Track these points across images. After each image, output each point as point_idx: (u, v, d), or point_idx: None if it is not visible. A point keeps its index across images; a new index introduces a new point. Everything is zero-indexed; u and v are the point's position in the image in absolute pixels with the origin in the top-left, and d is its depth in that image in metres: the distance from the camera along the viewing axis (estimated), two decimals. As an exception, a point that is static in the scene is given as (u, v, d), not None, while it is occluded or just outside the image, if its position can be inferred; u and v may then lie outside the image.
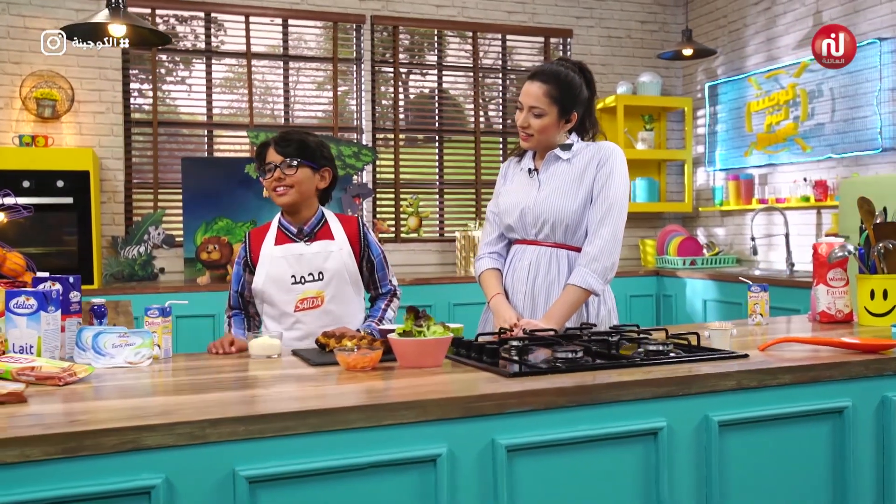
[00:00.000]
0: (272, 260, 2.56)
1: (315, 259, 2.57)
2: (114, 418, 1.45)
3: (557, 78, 2.59)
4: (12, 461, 1.34)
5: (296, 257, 2.56)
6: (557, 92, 2.57)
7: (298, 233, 2.59)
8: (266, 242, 2.59)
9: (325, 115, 5.98)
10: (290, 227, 2.61)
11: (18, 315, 2.03)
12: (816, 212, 5.47)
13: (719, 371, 1.83)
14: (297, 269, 2.56)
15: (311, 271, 2.56)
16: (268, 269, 2.55)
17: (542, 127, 2.59)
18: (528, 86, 2.59)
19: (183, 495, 1.44)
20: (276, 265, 2.55)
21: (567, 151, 2.64)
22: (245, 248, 2.63)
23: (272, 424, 1.48)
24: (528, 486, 1.67)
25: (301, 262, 2.56)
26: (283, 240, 2.59)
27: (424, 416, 1.59)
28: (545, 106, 2.57)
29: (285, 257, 2.56)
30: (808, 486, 1.93)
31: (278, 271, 2.55)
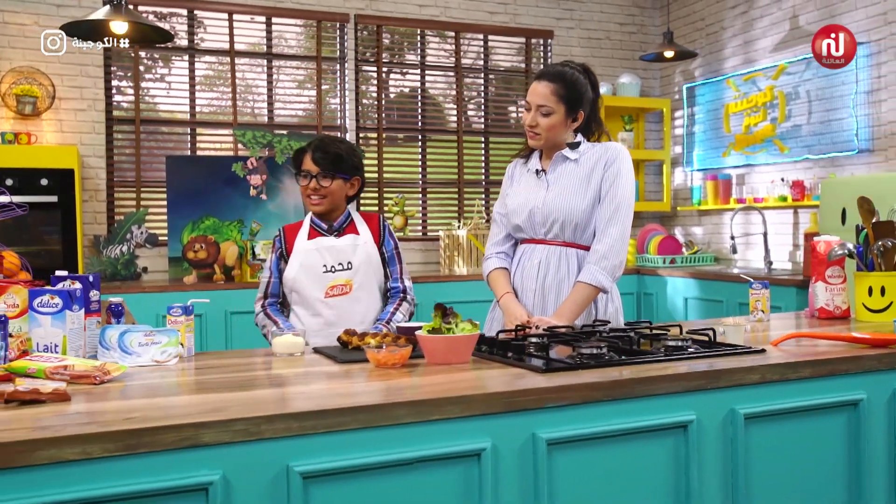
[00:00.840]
0: (305, 251, 2.75)
1: (345, 250, 2.76)
2: (169, 416, 1.46)
3: (563, 77, 2.64)
4: (74, 458, 1.34)
5: (327, 248, 2.75)
6: (564, 90, 2.62)
7: (329, 228, 2.79)
8: (300, 237, 2.78)
9: (305, 113, 5.96)
10: (321, 223, 2.81)
11: (43, 314, 2.02)
12: (793, 211, 5.60)
13: (745, 365, 1.89)
14: (328, 259, 2.75)
15: (341, 261, 2.75)
16: (301, 259, 2.74)
17: (550, 125, 2.64)
18: (536, 85, 2.64)
19: (238, 491, 1.45)
20: (309, 256, 2.75)
21: (574, 152, 2.68)
22: (281, 241, 2.81)
23: (324, 420, 1.50)
24: (567, 479, 1.70)
25: (332, 253, 2.75)
26: (314, 234, 2.80)
27: (469, 412, 1.62)
28: (553, 104, 2.61)
29: (318, 249, 2.75)
30: (825, 476, 2.00)
31: (311, 261, 2.74)
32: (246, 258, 5.06)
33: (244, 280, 5.06)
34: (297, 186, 5.22)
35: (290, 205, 5.35)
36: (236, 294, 4.88)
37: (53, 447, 1.32)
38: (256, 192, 5.17)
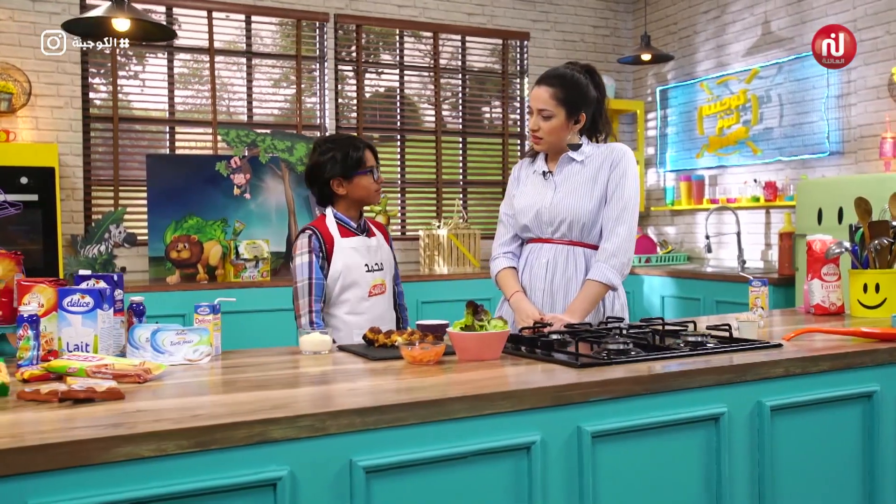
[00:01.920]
0: (346, 250, 2.74)
1: (377, 251, 2.81)
2: (233, 412, 1.47)
3: (563, 80, 2.69)
4: (149, 455, 1.35)
5: (366, 248, 2.78)
6: (564, 93, 2.66)
7: (357, 227, 2.80)
8: (334, 235, 2.75)
9: (280, 112, 5.93)
10: (349, 221, 2.79)
11: (73, 313, 2.01)
12: (766, 211, 5.76)
13: (770, 359, 1.97)
14: (368, 259, 2.78)
15: (377, 261, 2.80)
16: (344, 259, 2.73)
17: (552, 129, 2.68)
18: (536, 90, 2.69)
19: (305, 486, 1.47)
20: (349, 255, 2.74)
21: (579, 153, 2.74)
22: (319, 239, 2.73)
23: (385, 416, 1.53)
24: (609, 471, 1.76)
25: (370, 253, 2.79)
26: (346, 233, 2.78)
27: (520, 406, 1.66)
28: (553, 108, 2.66)
29: (357, 248, 2.76)
30: (843, 465, 2.09)
31: (354, 261, 2.75)
32: (229, 258, 5.03)
33: (227, 280, 5.03)
34: (279, 186, 5.21)
35: (272, 204, 5.33)
36: (220, 294, 4.84)
37: (130, 444, 1.33)
38: (240, 191, 5.14)
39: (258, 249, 5.04)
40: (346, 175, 2.75)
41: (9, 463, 1.26)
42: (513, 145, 6.64)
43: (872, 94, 5.03)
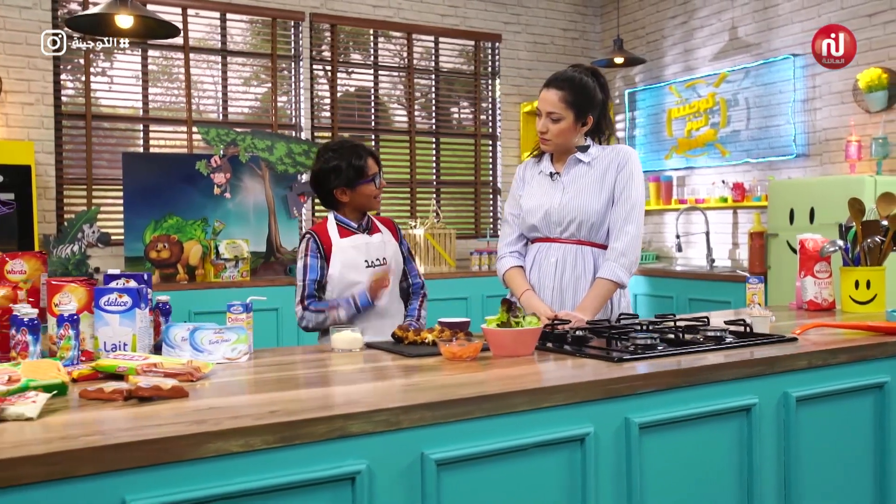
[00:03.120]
0: (343, 249, 2.81)
1: (378, 247, 2.86)
2: (307, 408, 1.49)
3: (572, 83, 2.75)
4: (237, 451, 1.36)
5: (364, 245, 2.83)
6: (572, 97, 2.73)
7: (358, 227, 2.86)
8: (333, 236, 2.82)
9: (251, 110, 5.89)
10: (350, 222, 2.86)
11: (110, 313, 2.00)
12: (733, 212, 5.94)
13: (795, 352, 2.06)
14: (368, 255, 2.83)
15: (378, 256, 2.85)
16: (342, 257, 2.80)
17: (560, 131, 2.74)
18: (545, 93, 2.74)
19: (380, 480, 1.50)
20: (348, 254, 2.81)
21: (587, 154, 2.80)
22: (317, 242, 2.81)
23: (454, 409, 1.57)
24: (654, 460, 1.82)
25: (369, 249, 2.84)
26: (345, 233, 2.85)
27: (574, 399, 1.71)
28: (561, 111, 2.72)
29: (355, 246, 2.82)
30: (857, 452, 2.19)
31: (352, 258, 2.81)
32: (210, 258, 4.98)
33: (207, 280, 4.98)
34: (257, 185, 5.19)
35: (250, 203, 5.29)
36: (199, 294, 4.80)
37: (220, 440, 1.34)
38: (220, 190, 5.10)
39: (238, 249, 5.01)
40: (350, 185, 2.80)
41: (106, 460, 1.26)
42: (485, 146, 6.71)
43: (837, 99, 5.23)
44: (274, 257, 5.29)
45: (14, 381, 1.56)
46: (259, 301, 2.28)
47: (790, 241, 4.77)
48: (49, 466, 1.22)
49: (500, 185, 6.71)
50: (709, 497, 1.93)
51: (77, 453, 1.24)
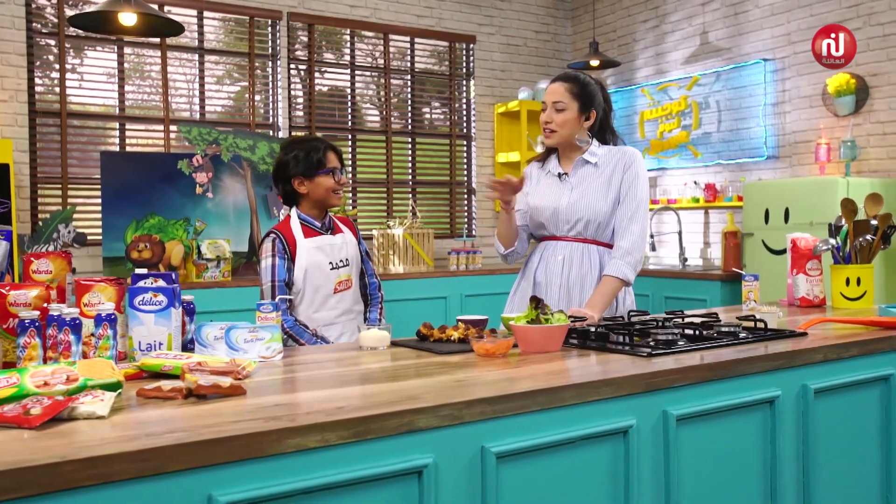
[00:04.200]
0: (309, 250, 2.84)
1: (341, 248, 2.92)
2: (372, 404, 1.52)
3: (576, 78, 2.87)
4: (315, 446, 1.38)
5: (329, 245, 2.88)
6: (577, 89, 2.84)
7: (321, 227, 2.92)
8: (297, 236, 2.85)
9: (223, 109, 5.84)
10: (313, 221, 2.90)
11: (145, 312, 1.99)
12: (704, 212, 6.09)
13: (811, 346, 2.15)
14: (332, 256, 2.88)
15: (341, 258, 2.90)
16: (307, 258, 2.83)
17: (564, 121, 2.82)
18: (552, 86, 2.87)
19: (445, 473, 1.53)
20: (312, 255, 2.84)
21: (593, 155, 2.88)
22: (282, 242, 2.84)
23: (511, 404, 1.61)
24: (690, 451, 1.89)
25: (333, 250, 2.89)
26: (310, 233, 2.88)
27: (619, 392, 1.77)
28: (567, 101, 2.81)
29: (320, 247, 2.86)
30: (866, 441, 2.30)
31: (317, 259, 2.84)
32: (192, 258, 4.94)
33: (190, 280, 4.94)
34: (237, 184, 5.15)
35: (230, 203, 5.26)
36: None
37: (298, 436, 1.36)
38: (202, 189, 5.05)
39: (220, 249, 4.97)
40: (307, 174, 2.85)
41: (193, 456, 1.27)
42: (459, 146, 6.75)
43: (806, 103, 5.41)
44: (256, 257, 5.25)
45: (72, 381, 1.56)
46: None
47: (765, 240, 4.92)
48: (141, 463, 1.23)
49: (475, 186, 6.76)
50: (737, 485, 2.01)
51: (167, 450, 1.25)
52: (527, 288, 2.94)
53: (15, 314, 1.92)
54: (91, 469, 1.19)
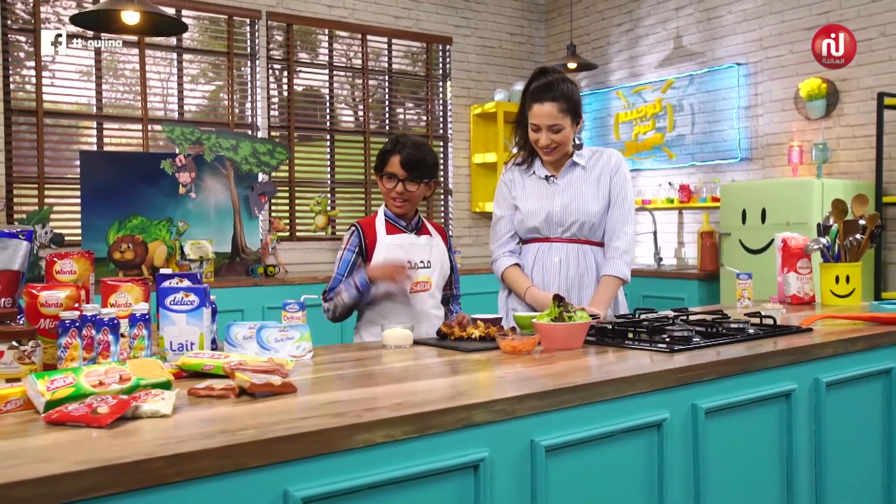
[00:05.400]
0: (389, 247, 2.74)
1: (424, 249, 2.80)
2: (427, 400, 1.55)
3: (564, 94, 2.75)
4: (381, 442, 1.41)
5: (410, 245, 2.77)
6: (567, 104, 2.76)
7: (407, 225, 2.80)
8: (379, 232, 2.76)
9: (197, 108, 5.79)
10: (399, 220, 2.80)
11: (177, 312, 1.99)
12: (678, 212, 6.21)
13: (819, 342, 2.23)
14: (412, 255, 2.76)
15: (422, 259, 2.79)
16: (385, 254, 2.72)
17: (564, 139, 2.81)
18: (541, 108, 2.73)
19: (498, 467, 1.57)
20: (392, 251, 2.74)
21: (581, 157, 2.92)
22: (359, 236, 2.76)
23: (557, 398, 1.65)
24: (716, 443, 1.95)
25: (414, 250, 2.78)
26: (393, 230, 2.79)
27: (653, 387, 1.82)
28: (561, 121, 2.75)
29: (401, 245, 2.75)
30: (868, 432, 2.39)
31: (396, 256, 2.72)
32: (175, 258, 4.89)
33: (172, 281, 4.88)
34: (219, 185, 5.12)
35: (212, 203, 5.22)
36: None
37: (367, 431, 1.39)
38: (186, 189, 5.01)
39: (203, 250, 4.94)
40: (377, 171, 2.81)
41: (270, 452, 1.29)
42: (436, 147, 6.79)
43: (778, 107, 5.56)
44: (239, 258, 5.23)
45: (125, 380, 1.56)
46: (311, 299, 2.30)
47: (742, 239, 5.05)
48: (223, 459, 1.25)
49: (452, 186, 6.80)
50: (757, 475, 2.08)
51: (246, 446, 1.27)
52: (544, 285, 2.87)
53: (46, 315, 1.91)
54: (177, 466, 1.20)
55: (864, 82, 5.11)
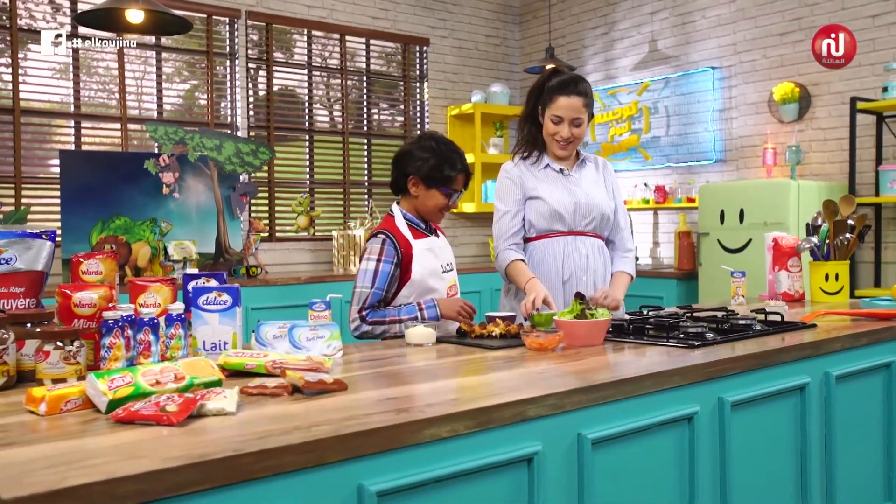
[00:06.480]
0: (422, 252, 2.66)
1: (446, 250, 2.78)
2: (485, 395, 1.58)
3: (585, 89, 2.84)
4: (446, 436, 1.44)
5: (439, 248, 2.73)
6: (588, 99, 2.85)
7: (426, 227, 2.75)
8: (409, 238, 2.66)
9: (172, 108, 5.73)
10: (418, 222, 2.74)
11: (210, 312, 2.00)
12: (654, 213, 6.33)
13: (828, 337, 2.32)
14: (441, 259, 2.73)
15: (449, 261, 2.77)
16: (421, 262, 2.65)
17: (581, 132, 2.86)
18: (568, 100, 2.78)
19: (549, 460, 1.61)
20: (427, 259, 2.67)
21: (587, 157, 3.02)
22: (394, 246, 2.62)
23: (601, 393, 1.70)
24: (740, 435, 2.02)
25: (443, 253, 2.75)
26: (417, 234, 2.70)
27: (683, 381, 1.88)
28: (583, 115, 2.83)
29: (431, 249, 2.69)
30: (871, 423, 2.49)
31: (431, 262, 2.68)
32: (158, 259, 4.84)
33: (156, 282, 4.83)
34: (202, 185, 5.09)
35: (194, 203, 5.17)
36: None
37: (434, 426, 1.42)
38: (169, 189, 4.96)
39: (186, 250, 4.89)
40: (428, 182, 2.66)
41: (347, 447, 1.31)
42: (413, 148, 6.81)
43: (752, 110, 5.70)
44: (223, 258, 5.19)
45: (180, 379, 1.57)
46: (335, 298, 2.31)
47: (721, 239, 5.17)
48: (306, 455, 1.27)
49: (429, 187, 6.82)
50: (777, 464, 2.16)
51: (326, 442, 1.29)
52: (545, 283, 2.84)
53: (80, 315, 1.90)
54: (263, 461, 1.22)
55: (834, 87, 5.27)
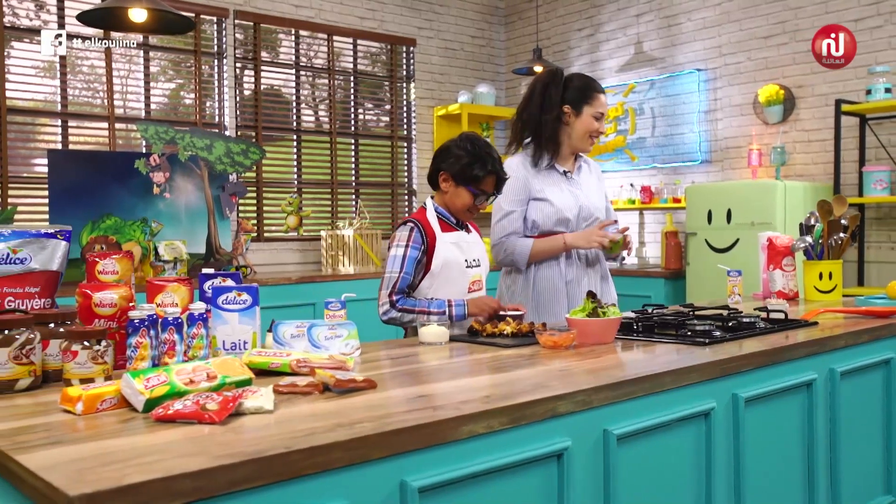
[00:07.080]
0: (446, 245, 2.67)
1: (474, 246, 2.77)
2: (516, 392, 1.61)
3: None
4: (482, 433, 1.46)
5: (466, 243, 2.73)
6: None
7: (458, 223, 2.75)
8: (435, 229, 2.68)
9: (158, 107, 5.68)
10: (450, 217, 2.74)
11: (229, 311, 2.00)
12: (640, 213, 6.39)
13: (833, 334, 2.37)
14: (467, 254, 2.73)
15: (475, 257, 2.76)
16: (444, 253, 2.66)
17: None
18: (604, 98, 2.99)
19: (577, 455, 1.63)
20: (450, 250, 2.68)
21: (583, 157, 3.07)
22: (421, 233, 2.65)
23: (626, 389, 1.73)
24: (752, 431, 2.06)
25: (470, 248, 2.75)
26: (446, 227, 2.72)
27: (701, 377, 1.92)
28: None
29: (457, 243, 2.70)
30: (871, 418, 2.55)
31: (454, 255, 2.68)
32: (149, 259, 4.81)
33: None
34: (192, 185, 5.06)
35: (184, 203, 5.14)
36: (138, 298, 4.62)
37: (472, 423, 1.44)
38: (160, 189, 4.92)
39: (177, 250, 4.86)
40: (457, 179, 2.66)
41: (391, 444, 1.33)
42: (400, 148, 6.82)
43: (737, 111, 5.78)
44: (214, 258, 5.16)
45: (212, 378, 1.57)
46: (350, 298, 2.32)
47: (708, 239, 5.23)
48: (352, 451, 1.28)
49: (416, 187, 6.84)
50: (786, 458, 2.20)
51: (371, 439, 1.30)
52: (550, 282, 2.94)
53: (101, 315, 1.90)
54: (312, 458, 1.23)
55: (818, 89, 5.36)
